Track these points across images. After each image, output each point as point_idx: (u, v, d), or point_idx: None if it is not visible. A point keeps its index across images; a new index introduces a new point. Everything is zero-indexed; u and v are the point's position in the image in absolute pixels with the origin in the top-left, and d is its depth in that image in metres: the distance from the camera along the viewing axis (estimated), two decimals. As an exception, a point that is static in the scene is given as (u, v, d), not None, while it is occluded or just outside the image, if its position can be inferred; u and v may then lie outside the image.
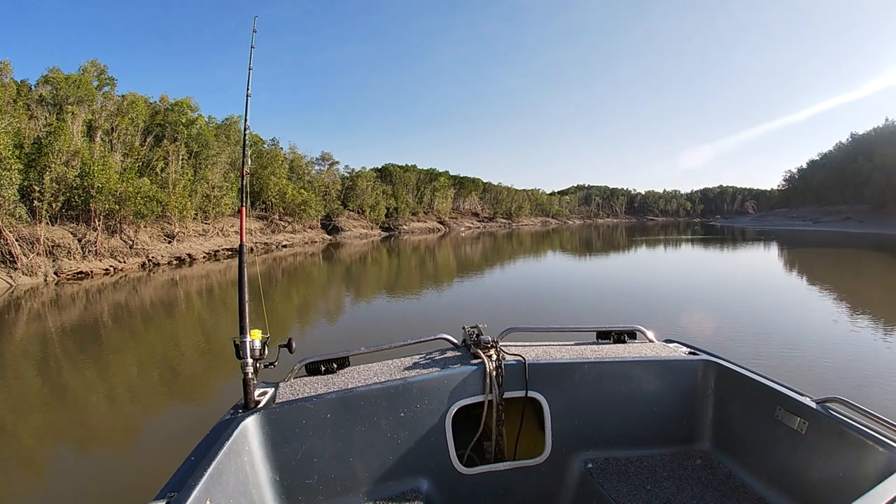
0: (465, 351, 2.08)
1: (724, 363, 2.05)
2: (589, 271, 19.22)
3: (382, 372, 1.95)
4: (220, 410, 1.80)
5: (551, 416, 1.97)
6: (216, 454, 1.35)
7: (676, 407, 2.06)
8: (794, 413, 1.67)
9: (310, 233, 37.85)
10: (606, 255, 26.48)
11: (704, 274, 16.34)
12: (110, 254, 20.12)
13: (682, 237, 42.71)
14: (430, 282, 16.02)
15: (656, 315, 8.84)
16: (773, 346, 6.49)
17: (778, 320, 8.28)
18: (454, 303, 11.53)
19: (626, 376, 2.03)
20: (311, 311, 11.33)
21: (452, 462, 1.87)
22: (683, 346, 2.27)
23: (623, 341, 2.32)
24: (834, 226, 47.73)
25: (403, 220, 59.69)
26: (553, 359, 2.02)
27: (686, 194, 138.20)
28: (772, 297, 10.77)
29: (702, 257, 23.51)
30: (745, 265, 19.44)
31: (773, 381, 1.83)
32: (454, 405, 1.87)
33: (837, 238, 34.26)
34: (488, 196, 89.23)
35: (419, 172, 71.46)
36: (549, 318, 9.07)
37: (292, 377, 1.98)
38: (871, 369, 5.45)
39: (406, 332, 4.72)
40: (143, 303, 12.72)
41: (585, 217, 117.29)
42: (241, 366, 1.70)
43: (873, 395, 4.57)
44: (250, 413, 1.66)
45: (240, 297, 1.78)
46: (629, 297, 11.43)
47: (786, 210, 67.38)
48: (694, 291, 11.91)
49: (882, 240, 30.59)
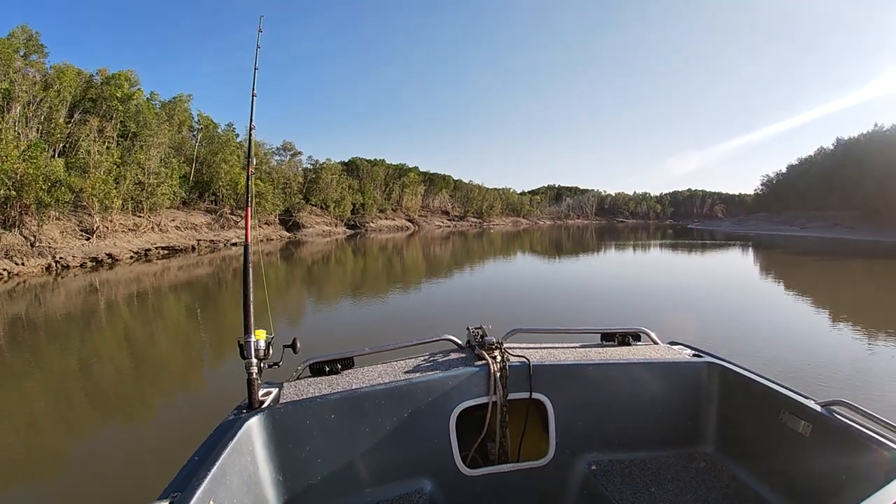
0: (469, 352, 2.06)
1: (728, 365, 2.02)
2: (589, 280, 16.72)
3: (387, 373, 1.93)
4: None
5: (555, 417, 1.94)
6: (220, 454, 1.34)
7: (680, 409, 2.03)
8: (799, 416, 1.66)
9: (266, 229, 33.96)
10: (600, 258, 24.19)
11: (721, 287, 14.09)
12: (4, 253, 16.06)
13: (666, 241, 41.25)
14: (398, 286, 14.91)
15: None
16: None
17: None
18: (429, 309, 10.80)
19: (631, 378, 2.01)
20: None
21: (456, 463, 1.85)
22: (688, 348, 2.25)
23: (627, 343, 2.28)
24: (824, 232, 47.07)
25: (370, 216, 56.13)
26: (557, 360, 2.02)
27: (656, 197, 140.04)
28: (807, 315, 8.50)
29: (701, 264, 21.47)
30: (752, 276, 17.40)
31: (778, 384, 1.81)
32: (458, 406, 1.86)
33: (834, 245, 33.36)
34: (459, 194, 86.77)
35: (388, 167, 68.04)
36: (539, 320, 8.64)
37: (296, 377, 1.96)
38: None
39: (389, 337, 3.91)
40: (45, 323, 9.18)
41: (556, 218, 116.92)
42: (246, 366, 1.65)
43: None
44: (254, 413, 1.62)
45: (244, 297, 1.72)
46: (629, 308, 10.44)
47: (767, 214, 67.47)
48: (716, 308, 9.50)
49: (880, 249, 29.62)
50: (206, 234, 27.40)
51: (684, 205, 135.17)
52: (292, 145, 47.82)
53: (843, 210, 50.15)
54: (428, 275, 17.72)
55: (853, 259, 23.96)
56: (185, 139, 32.92)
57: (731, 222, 76.34)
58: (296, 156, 48.07)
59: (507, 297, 12.30)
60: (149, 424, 4.93)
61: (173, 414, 5.08)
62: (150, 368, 6.74)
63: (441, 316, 9.73)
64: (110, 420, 5.10)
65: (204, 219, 29.06)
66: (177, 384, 6.17)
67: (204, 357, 7.57)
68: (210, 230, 28.47)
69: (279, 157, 46.37)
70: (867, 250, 28.55)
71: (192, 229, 26.89)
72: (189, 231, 26.47)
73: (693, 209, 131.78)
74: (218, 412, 1.77)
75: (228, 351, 6.93)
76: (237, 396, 1.76)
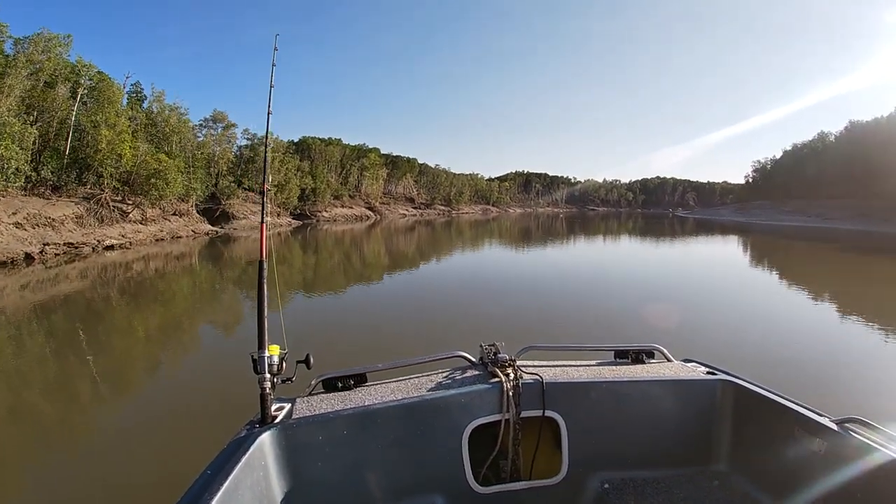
0: (482, 369, 2.02)
1: (742, 383, 2.01)
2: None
3: (399, 389, 1.91)
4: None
5: (568, 435, 1.93)
6: (232, 469, 1.35)
7: (694, 427, 2.03)
8: (813, 434, 1.65)
9: (174, 222, 25.19)
10: (601, 251, 17.44)
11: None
12: None
13: (684, 235, 35.16)
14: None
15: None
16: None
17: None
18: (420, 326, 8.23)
19: (645, 396, 2.00)
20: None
21: (468, 480, 1.84)
22: (702, 365, 2.22)
23: (641, 361, 2.25)
24: (853, 223, 41.65)
25: (323, 204, 47.61)
26: (571, 378, 2.01)
27: (626, 184, 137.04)
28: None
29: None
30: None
31: (792, 401, 1.80)
32: (471, 424, 1.85)
33: (883, 240, 28.27)
34: (424, 179, 78.95)
35: (345, 147, 59.31)
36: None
37: (308, 393, 1.95)
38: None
39: (391, 355, 3.47)
40: None
41: (525, 205, 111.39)
42: (259, 381, 1.65)
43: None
44: (267, 428, 1.62)
45: (259, 312, 1.72)
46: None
47: (769, 203, 62.61)
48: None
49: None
50: (68, 233, 18.70)
51: (655, 192, 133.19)
52: (224, 116, 38.54)
53: (867, 199, 45.22)
54: (415, 285, 13.53)
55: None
56: (60, 99, 23.56)
57: (730, 211, 71.20)
58: (229, 129, 38.98)
59: (502, 300, 10.44)
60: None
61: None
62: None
63: (441, 330, 7.67)
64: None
65: (74, 210, 20.25)
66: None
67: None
68: (79, 226, 19.74)
69: (210, 131, 37.29)
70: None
71: (46, 226, 18.19)
72: (39, 230, 17.78)
73: (664, 197, 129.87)
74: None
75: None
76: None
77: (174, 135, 27.34)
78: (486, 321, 7.98)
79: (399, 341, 7.04)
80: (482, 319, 8.19)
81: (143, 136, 25.72)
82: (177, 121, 28.07)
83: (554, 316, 8.66)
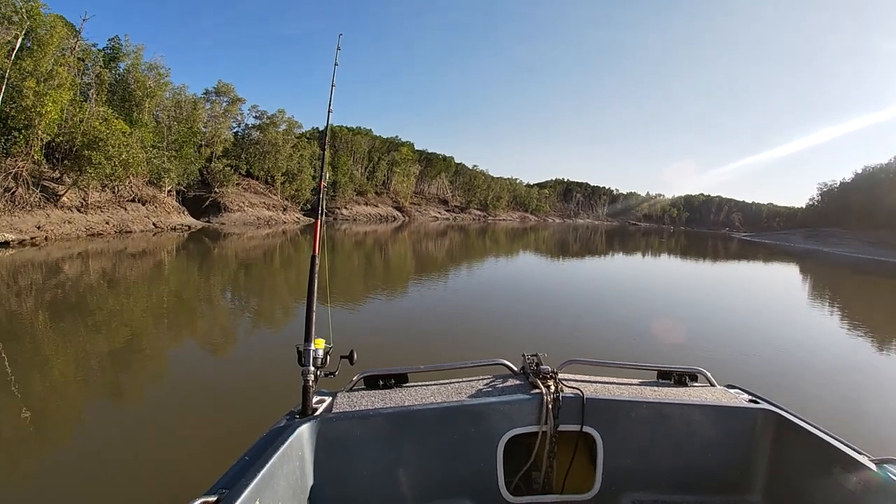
0: (523, 379, 2.00)
1: (784, 414, 1.91)
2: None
3: (439, 392, 1.90)
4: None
5: (604, 452, 1.88)
6: (270, 457, 1.36)
7: (732, 455, 1.94)
8: (851, 472, 1.58)
9: (131, 212, 18.96)
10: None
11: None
12: None
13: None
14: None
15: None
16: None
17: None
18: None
19: (684, 419, 1.92)
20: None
21: (500, 489, 1.81)
22: (744, 392, 2.15)
23: (684, 383, 2.19)
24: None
25: (343, 200, 41.20)
26: (611, 395, 1.94)
27: (670, 199, 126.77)
28: None
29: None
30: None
31: (833, 437, 1.72)
32: (507, 433, 1.82)
33: None
34: (460, 181, 72.02)
35: (374, 139, 53.05)
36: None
37: (349, 388, 1.95)
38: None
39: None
40: None
41: (564, 215, 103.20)
42: (303, 373, 1.67)
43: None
44: (306, 420, 1.63)
45: (308, 305, 1.75)
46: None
47: (842, 230, 52.97)
48: None
49: None
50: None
51: (699, 210, 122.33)
52: (230, 88, 32.69)
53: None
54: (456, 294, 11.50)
55: None
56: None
57: (800, 236, 61.43)
58: (236, 103, 33.04)
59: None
60: None
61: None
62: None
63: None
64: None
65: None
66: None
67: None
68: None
69: (211, 106, 31.37)
70: None
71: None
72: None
73: (709, 216, 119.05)
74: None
75: None
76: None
77: (147, 100, 21.19)
78: (526, 331, 7.77)
79: (440, 346, 6.75)
80: (523, 329, 7.94)
81: (105, 97, 19.65)
82: (154, 84, 21.95)
83: (595, 330, 8.17)
